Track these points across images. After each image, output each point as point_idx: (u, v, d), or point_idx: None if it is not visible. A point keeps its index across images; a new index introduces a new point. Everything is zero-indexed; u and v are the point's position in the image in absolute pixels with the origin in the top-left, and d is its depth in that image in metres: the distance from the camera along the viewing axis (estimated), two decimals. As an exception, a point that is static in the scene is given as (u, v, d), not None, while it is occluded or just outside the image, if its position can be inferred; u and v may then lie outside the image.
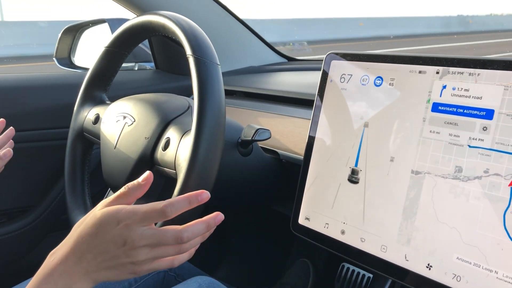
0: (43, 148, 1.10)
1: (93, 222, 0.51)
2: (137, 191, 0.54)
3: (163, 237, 0.50)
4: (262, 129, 0.79)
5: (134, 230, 0.50)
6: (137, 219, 0.50)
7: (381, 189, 0.65)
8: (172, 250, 0.52)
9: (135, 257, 0.50)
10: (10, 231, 1.08)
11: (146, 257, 0.50)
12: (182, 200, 0.52)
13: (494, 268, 0.54)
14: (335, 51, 0.75)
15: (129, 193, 0.53)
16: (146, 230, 0.50)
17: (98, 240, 0.50)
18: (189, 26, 0.68)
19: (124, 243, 0.49)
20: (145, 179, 0.54)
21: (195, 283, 0.74)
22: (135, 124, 0.75)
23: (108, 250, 0.50)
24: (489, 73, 0.57)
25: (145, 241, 0.50)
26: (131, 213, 0.50)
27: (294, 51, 5.64)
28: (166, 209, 0.50)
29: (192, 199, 0.52)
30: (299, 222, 0.76)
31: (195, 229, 0.52)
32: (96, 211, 0.52)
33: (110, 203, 0.53)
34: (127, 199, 0.53)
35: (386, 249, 0.64)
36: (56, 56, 1.30)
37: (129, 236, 0.49)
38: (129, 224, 0.50)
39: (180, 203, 0.51)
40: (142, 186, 0.54)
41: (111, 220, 0.50)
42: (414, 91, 0.64)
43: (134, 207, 0.51)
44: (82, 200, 0.85)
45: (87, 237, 0.50)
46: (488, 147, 0.56)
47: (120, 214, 0.50)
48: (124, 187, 0.54)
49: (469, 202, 0.56)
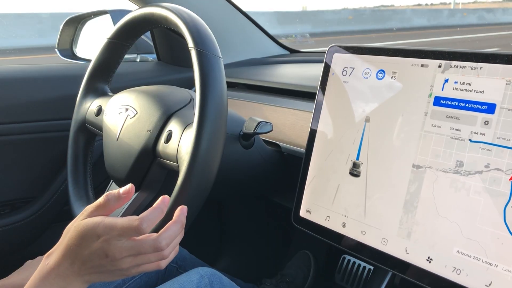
0: (45, 139, 1.11)
1: (76, 234, 0.53)
2: (116, 203, 0.55)
3: (141, 248, 0.52)
4: (263, 122, 0.79)
5: (114, 244, 0.51)
6: (114, 234, 0.52)
7: (382, 182, 0.65)
8: (154, 257, 0.54)
9: (120, 266, 0.52)
10: (13, 222, 1.09)
11: (130, 265, 0.53)
12: (154, 211, 0.53)
13: (494, 262, 0.54)
14: (337, 44, 0.75)
15: (108, 203, 0.55)
16: (124, 243, 0.52)
17: (83, 251, 0.52)
18: (191, 19, 0.68)
19: (106, 255, 0.51)
20: (125, 192, 0.55)
21: (196, 274, 0.75)
22: (137, 116, 0.75)
23: (93, 260, 0.52)
24: (491, 67, 0.57)
25: (125, 253, 0.52)
26: (109, 228, 0.52)
27: (297, 43, 5.62)
28: (141, 226, 0.51)
29: (162, 207, 0.54)
30: (300, 214, 0.76)
31: (171, 233, 0.54)
32: (78, 222, 0.54)
33: (90, 213, 0.55)
34: (105, 209, 0.55)
35: (387, 242, 0.64)
36: (58, 47, 1.30)
37: (109, 250, 0.51)
38: (107, 239, 0.51)
39: (154, 214, 0.53)
40: (122, 198, 0.55)
41: (90, 234, 0.52)
42: (416, 85, 0.64)
43: (111, 222, 0.52)
44: (84, 191, 0.86)
45: (74, 247, 0.53)
46: (489, 142, 0.56)
47: (99, 229, 0.52)
48: (103, 196, 0.55)
49: (470, 197, 0.56)
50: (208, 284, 0.74)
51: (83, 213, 0.55)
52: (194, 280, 0.73)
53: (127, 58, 0.89)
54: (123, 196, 0.55)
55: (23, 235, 1.11)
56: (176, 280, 0.74)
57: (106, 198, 0.55)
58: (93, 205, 0.55)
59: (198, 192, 0.63)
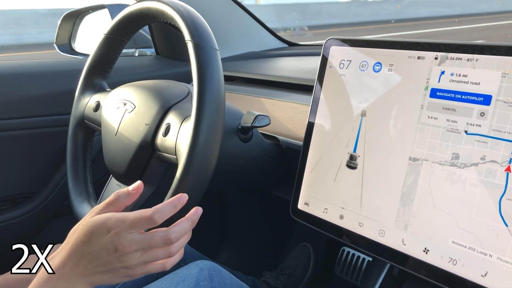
0: (44, 134, 1.11)
1: (85, 230, 0.53)
2: (126, 199, 0.56)
3: (152, 241, 0.53)
4: (261, 115, 0.79)
5: (124, 237, 0.52)
6: (126, 226, 0.52)
7: (379, 175, 0.65)
8: (162, 253, 0.55)
9: (127, 261, 0.53)
10: (14, 217, 1.09)
11: (138, 261, 0.53)
12: (167, 205, 0.54)
13: (489, 252, 0.55)
14: (334, 37, 0.75)
15: (118, 200, 0.56)
16: (135, 236, 0.52)
17: (91, 247, 0.52)
18: (187, 12, 0.68)
19: (116, 249, 0.52)
20: (135, 189, 0.57)
21: (196, 267, 0.75)
22: (136, 110, 0.76)
23: (101, 256, 0.52)
24: (487, 58, 0.57)
25: (135, 246, 0.52)
26: (120, 221, 0.52)
27: (295, 36, 5.59)
28: (154, 216, 0.52)
29: (176, 203, 0.55)
30: (298, 207, 0.77)
31: (181, 228, 0.55)
32: (88, 219, 0.54)
33: (100, 210, 0.55)
34: (116, 206, 0.56)
35: (384, 234, 0.65)
36: (57, 42, 1.30)
37: (119, 243, 0.52)
38: (118, 232, 0.52)
39: (166, 209, 0.54)
40: (132, 195, 0.56)
41: (101, 228, 0.53)
42: (412, 77, 0.64)
43: (123, 215, 0.53)
44: (84, 186, 0.86)
45: (81, 245, 0.53)
46: (485, 134, 0.56)
47: (110, 222, 0.52)
48: (113, 194, 0.56)
49: (466, 189, 0.57)
50: (208, 277, 0.75)
51: (91, 212, 0.56)
52: (193, 273, 0.74)
53: (125, 52, 0.89)
54: (133, 193, 0.56)
55: (24, 230, 1.12)
56: (176, 273, 0.74)
57: (116, 195, 0.56)
58: (103, 204, 0.56)
59: (197, 184, 0.64)
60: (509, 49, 0.55)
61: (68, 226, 0.58)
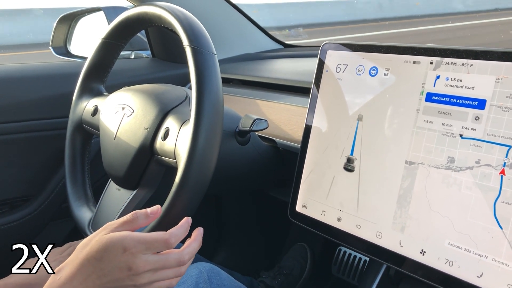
0: (42, 138, 1.11)
1: (99, 247, 0.53)
2: (144, 221, 0.57)
3: (166, 262, 0.54)
4: (259, 119, 0.80)
5: (139, 257, 0.53)
6: (142, 248, 0.53)
7: (376, 177, 0.66)
8: (173, 273, 0.56)
9: (138, 280, 0.53)
10: (12, 221, 1.09)
11: (148, 281, 0.54)
12: (180, 229, 0.57)
13: (484, 253, 0.56)
14: (330, 41, 0.76)
15: (135, 221, 0.56)
16: (149, 256, 0.53)
17: (103, 264, 0.52)
18: (185, 17, 0.69)
19: (129, 269, 0.52)
20: (153, 212, 0.58)
21: (195, 269, 0.76)
22: (134, 115, 0.76)
23: (112, 274, 0.52)
24: (481, 63, 0.58)
25: (149, 267, 0.53)
26: (137, 241, 0.53)
27: (290, 37, 5.60)
28: (171, 239, 0.54)
29: (186, 226, 0.57)
30: (296, 209, 0.77)
31: (192, 250, 0.57)
32: (102, 236, 0.54)
33: (115, 228, 0.56)
34: (132, 225, 0.56)
35: (381, 236, 0.66)
36: (52, 45, 1.30)
37: (134, 263, 0.52)
38: (134, 252, 0.52)
39: (180, 231, 0.56)
40: (150, 218, 0.57)
41: (117, 247, 0.53)
42: (408, 81, 0.65)
43: (140, 236, 0.53)
44: (83, 190, 0.87)
45: (93, 260, 0.53)
46: (479, 138, 0.57)
47: (126, 242, 0.53)
48: (131, 213, 0.57)
49: (461, 192, 0.58)
50: (207, 279, 0.75)
51: (105, 228, 0.56)
52: (193, 275, 0.75)
53: (121, 55, 0.89)
54: (151, 216, 0.57)
55: (22, 233, 1.12)
56: (176, 275, 0.75)
57: (135, 215, 0.56)
58: (119, 221, 0.56)
59: (197, 187, 0.64)
60: (502, 54, 0.56)
61: (65, 229, 0.58)
